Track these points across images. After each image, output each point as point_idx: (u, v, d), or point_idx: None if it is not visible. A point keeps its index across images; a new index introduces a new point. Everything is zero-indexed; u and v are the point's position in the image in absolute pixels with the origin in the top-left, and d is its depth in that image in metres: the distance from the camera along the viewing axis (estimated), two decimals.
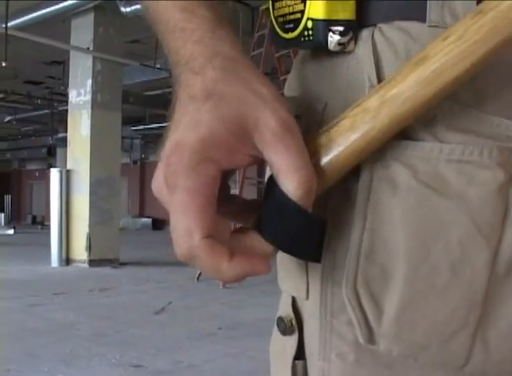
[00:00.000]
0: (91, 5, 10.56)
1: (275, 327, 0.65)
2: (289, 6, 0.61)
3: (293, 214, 0.50)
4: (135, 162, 27.74)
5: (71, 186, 10.98)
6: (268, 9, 0.65)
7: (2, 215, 28.45)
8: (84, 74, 10.96)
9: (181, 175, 0.50)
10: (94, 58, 10.85)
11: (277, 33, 0.63)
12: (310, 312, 0.61)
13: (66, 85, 12.37)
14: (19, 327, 5.47)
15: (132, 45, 12.78)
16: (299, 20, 0.60)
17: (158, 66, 12.59)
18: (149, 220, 26.72)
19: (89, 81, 10.87)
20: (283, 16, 0.62)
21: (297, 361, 0.62)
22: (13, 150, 31.90)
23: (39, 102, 19.84)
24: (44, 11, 10.75)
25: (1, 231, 23.13)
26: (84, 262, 10.68)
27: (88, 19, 10.87)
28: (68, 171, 11.03)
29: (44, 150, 27.59)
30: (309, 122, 0.59)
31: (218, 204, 0.51)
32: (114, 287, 8.12)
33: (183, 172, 0.50)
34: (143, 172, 28.18)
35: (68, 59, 11.79)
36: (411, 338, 0.54)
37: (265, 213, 0.52)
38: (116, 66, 11.18)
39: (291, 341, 0.63)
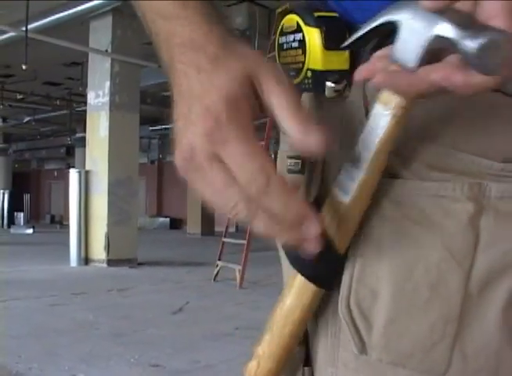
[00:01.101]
0: (109, 7, 10.68)
1: None
2: (292, 56, 0.69)
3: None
4: (152, 162, 27.85)
5: (90, 187, 11.11)
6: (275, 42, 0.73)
7: (22, 214, 28.65)
8: (102, 75, 11.08)
9: (228, 129, 0.54)
10: (112, 60, 10.97)
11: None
12: (319, 327, 0.69)
13: (85, 86, 12.49)
14: (40, 327, 5.59)
15: (150, 47, 12.84)
16: (300, 70, 0.68)
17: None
18: (166, 220, 26.87)
19: (107, 83, 10.99)
20: (290, 64, 0.70)
21: (305, 368, 0.70)
22: (32, 150, 32.17)
23: (58, 103, 19.99)
24: (63, 14, 10.89)
25: (21, 230, 23.35)
26: (102, 262, 10.79)
27: (107, 22, 10.99)
28: (87, 172, 11.15)
29: (62, 150, 27.84)
30: (311, 162, 0.67)
31: None
32: (132, 287, 8.22)
33: (229, 126, 0.54)
34: (161, 172, 28.29)
35: (87, 61, 11.92)
36: (397, 348, 0.62)
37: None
38: (134, 68, 11.29)
39: (301, 352, 0.71)
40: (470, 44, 0.49)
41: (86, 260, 11.06)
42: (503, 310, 0.60)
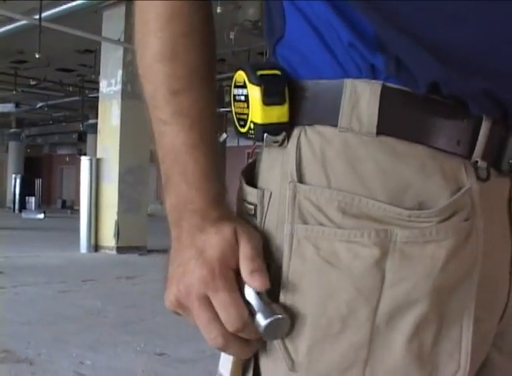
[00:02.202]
0: None
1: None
2: (240, 108, 0.76)
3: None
4: None
5: (101, 175, 11.23)
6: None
7: (33, 198, 28.84)
8: (114, 64, 11.16)
9: (220, 280, 0.71)
10: (125, 49, 11.04)
11: (235, 125, 0.79)
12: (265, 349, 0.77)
13: (98, 73, 12.58)
14: (49, 313, 5.71)
15: None
16: (246, 121, 0.76)
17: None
18: None
19: (120, 72, 11.06)
20: (237, 113, 0.78)
21: None
22: (44, 135, 32.36)
23: (70, 89, 20.13)
24: (76, 2, 10.97)
25: (32, 215, 23.53)
26: (112, 249, 10.92)
27: (120, 11, 11.05)
28: (98, 160, 11.27)
29: (74, 136, 27.96)
30: (263, 209, 0.76)
31: None
32: (141, 275, 8.33)
33: (220, 278, 0.71)
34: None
35: (100, 48, 12.00)
36: (317, 369, 0.70)
37: None
38: None
39: (249, 366, 0.79)
40: (262, 320, 0.69)
41: (96, 247, 11.20)
42: (409, 340, 0.68)
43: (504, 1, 0.67)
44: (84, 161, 11.30)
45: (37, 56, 10.54)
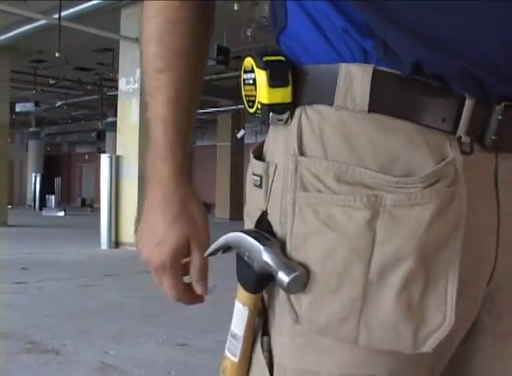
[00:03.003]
0: None
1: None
2: (249, 91, 0.87)
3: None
4: None
5: (120, 172, 11.36)
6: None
7: (53, 197, 29.08)
8: (133, 62, 11.26)
9: (168, 271, 0.94)
10: None
11: (245, 107, 0.89)
12: (272, 303, 0.88)
13: (116, 72, 12.71)
14: (73, 307, 5.84)
15: None
16: (254, 102, 0.86)
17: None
18: None
19: (138, 70, 11.13)
20: (247, 96, 0.88)
21: (264, 337, 0.88)
22: (64, 134, 32.57)
23: (89, 87, 20.30)
24: (95, 1, 11.09)
25: (52, 213, 23.76)
26: (132, 245, 11.03)
27: (138, 9, 11.08)
28: (117, 157, 11.40)
29: (93, 134, 28.11)
30: (268, 180, 0.87)
31: None
32: None
33: (170, 270, 0.94)
34: (190, 156, 28.45)
35: (118, 47, 12.12)
36: (318, 320, 0.80)
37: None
38: None
39: (260, 324, 0.89)
40: (284, 277, 0.79)
41: (116, 243, 11.35)
42: (398, 293, 0.77)
43: None
44: (104, 159, 11.44)
45: (57, 54, 10.68)
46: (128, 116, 11.29)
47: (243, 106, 0.88)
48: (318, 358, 0.82)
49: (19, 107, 22.42)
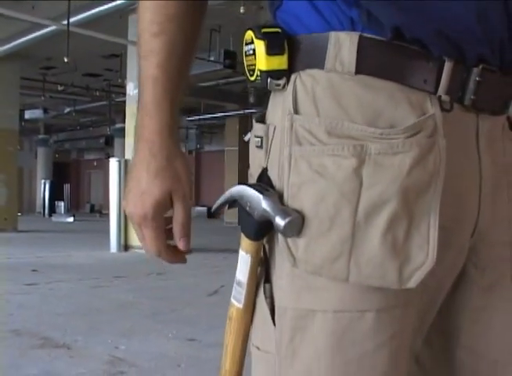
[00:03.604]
0: None
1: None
2: (250, 60, 0.95)
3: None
4: (190, 152, 28.16)
5: None
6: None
7: (62, 203, 29.22)
8: None
9: (149, 222, 0.98)
10: None
11: (247, 76, 0.97)
12: (273, 252, 0.95)
13: (124, 77, 12.82)
14: (83, 306, 5.93)
15: None
16: (254, 70, 0.95)
17: (212, 58, 12.97)
18: (204, 209, 27.16)
19: None
20: (248, 66, 0.96)
21: (266, 284, 0.96)
22: (72, 141, 32.71)
23: (97, 94, 20.42)
24: (102, 7, 11.19)
25: (62, 219, 23.90)
26: (141, 248, 10.99)
27: None
28: (126, 161, 11.48)
29: (102, 140, 28.22)
30: (267, 140, 0.95)
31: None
32: (170, 271, 8.51)
33: (151, 221, 0.98)
34: (198, 162, 28.64)
35: (125, 52, 12.23)
36: (313, 261, 0.87)
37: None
38: None
39: (262, 272, 0.97)
40: (280, 221, 0.86)
41: (126, 246, 11.41)
42: (383, 233, 0.85)
43: None
44: (113, 163, 11.53)
45: (65, 59, 10.77)
46: None
47: (250, 110, 0.98)
48: (314, 297, 0.89)
49: (28, 114, 22.59)
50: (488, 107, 0.94)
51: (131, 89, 11.63)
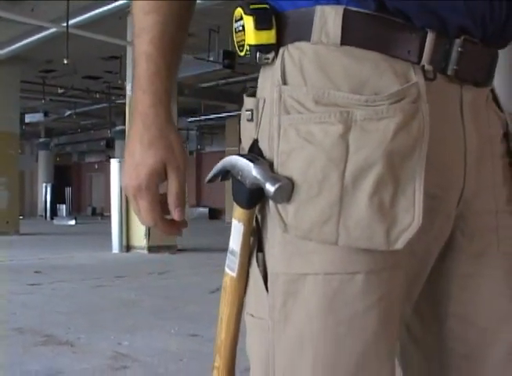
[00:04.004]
0: None
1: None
2: (239, 36, 0.98)
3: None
4: (191, 153, 28.22)
5: None
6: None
7: (64, 206, 29.27)
8: None
9: (144, 192, 0.99)
10: None
11: (236, 52, 1.00)
12: (265, 221, 0.98)
13: (123, 79, 12.85)
14: (86, 305, 5.96)
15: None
16: (243, 45, 0.98)
17: (211, 58, 12.99)
18: (205, 209, 27.21)
19: None
20: (238, 42, 0.99)
21: (259, 253, 0.99)
22: (73, 144, 32.77)
23: (97, 96, 20.44)
24: (101, 9, 11.23)
25: (64, 222, 23.91)
26: (143, 249, 11.14)
27: None
28: None
29: (102, 143, 28.30)
30: (258, 113, 0.98)
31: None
32: (172, 271, 8.56)
33: (145, 190, 0.99)
34: (199, 163, 28.64)
35: (125, 54, 12.26)
36: (303, 226, 0.90)
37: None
38: None
39: (255, 242, 1.00)
40: (270, 187, 0.89)
41: (127, 247, 11.44)
42: (370, 196, 0.88)
43: None
44: (114, 163, 11.57)
45: (65, 61, 10.79)
46: None
47: None
48: (305, 262, 0.92)
49: (28, 118, 22.62)
50: (471, 78, 0.97)
51: (130, 89, 11.63)
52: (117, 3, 10.99)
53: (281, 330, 0.95)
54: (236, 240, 0.99)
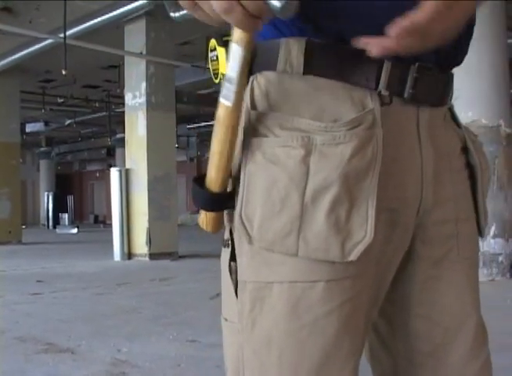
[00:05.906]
0: (142, 11, 11.09)
1: (222, 246, 1.10)
2: (214, 65, 1.20)
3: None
4: (191, 159, 28.30)
5: (130, 184, 11.56)
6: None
7: (66, 215, 29.32)
8: (138, 77, 11.52)
9: None
10: (147, 62, 11.40)
11: (213, 79, 1.11)
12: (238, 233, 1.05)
13: (122, 88, 12.93)
14: (87, 312, 6.04)
15: (183, 47, 13.29)
16: (217, 73, 1.18)
17: (208, 66, 13.08)
18: None
19: (143, 84, 11.41)
20: (213, 70, 1.16)
21: (232, 262, 1.06)
22: (74, 152, 32.81)
23: (97, 105, 20.55)
24: (98, 19, 11.34)
25: (66, 230, 24.01)
26: (144, 256, 11.21)
27: (140, 25, 11.42)
28: (127, 170, 11.60)
29: (103, 151, 28.40)
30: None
31: None
32: (173, 277, 8.62)
33: None
34: (200, 169, 28.65)
35: (123, 63, 12.35)
36: (266, 238, 0.98)
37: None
38: (168, 69, 11.72)
39: (227, 253, 1.07)
40: (277, 2, 0.83)
41: (129, 255, 11.50)
42: (327, 214, 0.96)
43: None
44: (114, 172, 11.64)
45: (63, 72, 10.87)
46: (136, 129, 11.49)
47: None
48: (271, 271, 1.00)
49: (29, 128, 22.74)
50: (427, 100, 1.06)
51: (129, 99, 11.74)
52: (113, 13, 11.09)
53: (249, 333, 1.03)
54: (234, 67, 0.97)
